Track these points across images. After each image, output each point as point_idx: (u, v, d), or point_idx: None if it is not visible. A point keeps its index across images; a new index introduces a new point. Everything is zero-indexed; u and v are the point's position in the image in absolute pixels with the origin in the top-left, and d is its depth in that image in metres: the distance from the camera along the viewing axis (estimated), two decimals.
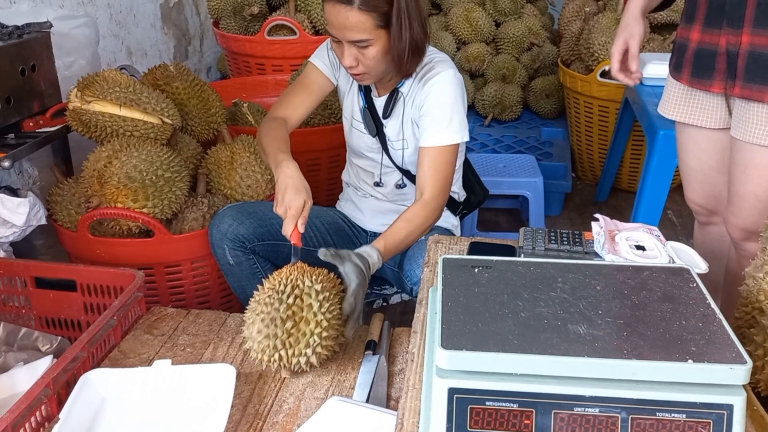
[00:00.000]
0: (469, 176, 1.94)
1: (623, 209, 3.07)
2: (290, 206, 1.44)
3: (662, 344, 0.80)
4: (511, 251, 1.24)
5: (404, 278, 1.69)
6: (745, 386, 0.78)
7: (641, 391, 0.77)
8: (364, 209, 1.89)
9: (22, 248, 1.90)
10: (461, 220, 1.94)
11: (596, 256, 1.15)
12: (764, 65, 1.40)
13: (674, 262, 1.09)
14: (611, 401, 0.77)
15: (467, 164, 1.92)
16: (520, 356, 0.78)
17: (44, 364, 1.42)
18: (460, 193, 1.88)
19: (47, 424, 1.21)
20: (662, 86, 1.73)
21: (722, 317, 0.85)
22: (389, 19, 1.51)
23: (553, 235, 1.21)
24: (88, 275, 1.60)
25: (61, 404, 1.23)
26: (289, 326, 1.27)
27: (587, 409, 0.78)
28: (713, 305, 0.88)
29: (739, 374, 0.76)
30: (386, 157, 1.78)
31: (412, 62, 1.60)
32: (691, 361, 0.77)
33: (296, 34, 2.89)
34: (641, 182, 2.31)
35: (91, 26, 2.26)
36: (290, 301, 1.28)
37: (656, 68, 2.56)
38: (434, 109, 1.62)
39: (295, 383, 1.35)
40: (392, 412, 1.22)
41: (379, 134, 1.76)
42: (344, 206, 1.96)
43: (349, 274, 1.37)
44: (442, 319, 0.84)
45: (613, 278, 0.96)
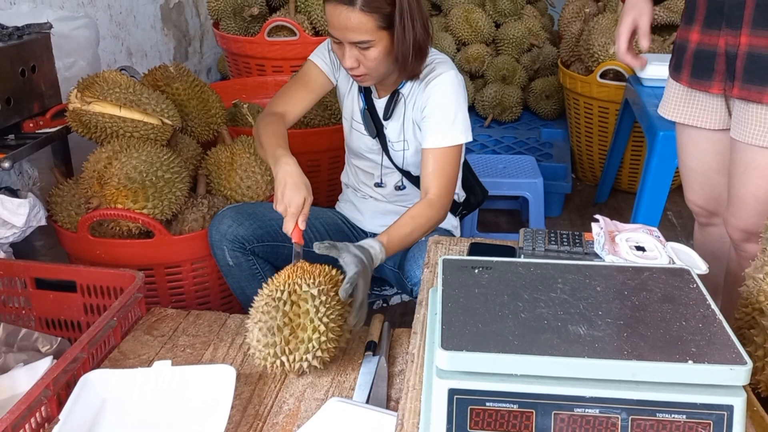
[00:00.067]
0: (468, 177, 1.94)
1: (623, 210, 3.07)
2: (290, 204, 1.44)
3: (662, 345, 0.80)
4: (511, 252, 1.24)
5: (404, 279, 1.69)
6: (745, 387, 0.78)
7: (641, 391, 0.77)
8: (363, 210, 1.89)
9: (22, 249, 1.90)
10: (461, 220, 1.94)
11: (596, 257, 1.15)
12: (763, 66, 1.41)
13: (674, 263, 1.09)
14: (611, 402, 0.77)
15: (466, 165, 1.92)
16: (520, 357, 0.78)
17: (44, 365, 1.42)
18: (460, 193, 1.88)
19: (47, 425, 1.21)
20: (662, 87, 1.73)
21: (722, 318, 0.85)
22: (391, 20, 1.51)
23: (553, 236, 1.21)
24: (88, 276, 1.60)
25: (61, 405, 1.23)
26: (287, 334, 1.28)
27: (587, 409, 0.78)
28: (713, 306, 0.88)
29: (739, 375, 0.76)
30: (386, 158, 1.78)
31: (416, 63, 1.59)
32: (691, 361, 0.77)
33: (296, 35, 2.89)
34: (641, 183, 2.31)
35: (91, 27, 2.26)
36: (287, 308, 1.28)
37: (656, 69, 2.56)
38: (437, 110, 1.61)
39: (295, 384, 1.35)
40: (392, 413, 1.22)
41: (379, 135, 1.75)
42: (344, 207, 1.95)
43: (347, 264, 1.37)
44: (442, 319, 0.84)
45: (613, 279, 0.96)
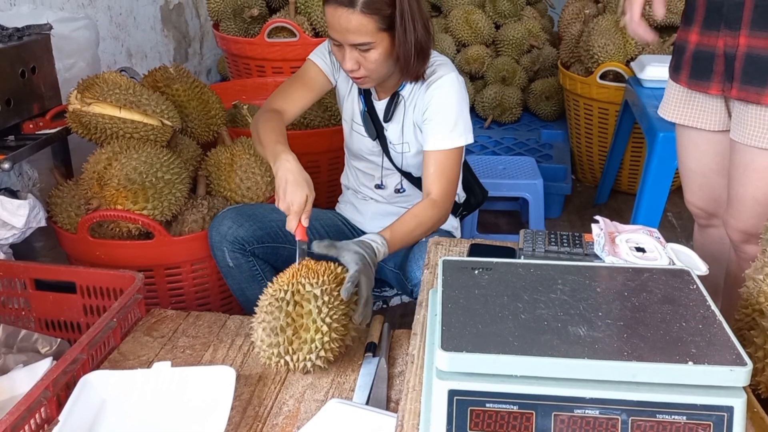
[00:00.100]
0: (468, 178, 1.94)
1: (623, 211, 3.07)
2: (293, 202, 1.43)
3: (662, 346, 0.80)
4: (511, 253, 1.24)
5: (405, 280, 1.69)
6: (745, 388, 0.78)
7: (641, 392, 0.77)
8: (364, 212, 1.89)
9: (21, 250, 1.90)
10: (461, 221, 1.94)
11: (596, 258, 1.15)
12: (761, 67, 1.41)
13: (674, 264, 1.09)
14: (611, 403, 0.77)
15: (466, 166, 1.92)
16: (520, 358, 0.78)
17: (44, 366, 1.42)
18: (461, 194, 1.88)
19: (47, 426, 1.21)
20: (661, 88, 1.73)
21: (722, 319, 0.85)
22: (392, 21, 1.51)
23: (553, 237, 1.21)
24: (87, 277, 1.60)
25: (60, 406, 1.23)
26: (289, 334, 1.28)
27: (587, 410, 0.78)
28: (713, 307, 0.88)
29: (739, 376, 0.76)
30: (387, 159, 1.78)
31: (418, 64, 1.59)
32: (691, 362, 0.77)
33: (296, 36, 2.89)
34: (641, 184, 2.31)
35: (91, 28, 2.26)
36: (289, 308, 1.28)
37: (656, 70, 2.56)
38: (438, 113, 1.61)
39: (294, 385, 1.35)
40: (392, 414, 1.22)
41: (379, 137, 1.75)
42: (344, 209, 1.95)
43: (348, 262, 1.37)
44: (442, 320, 0.84)
45: (613, 280, 0.96)
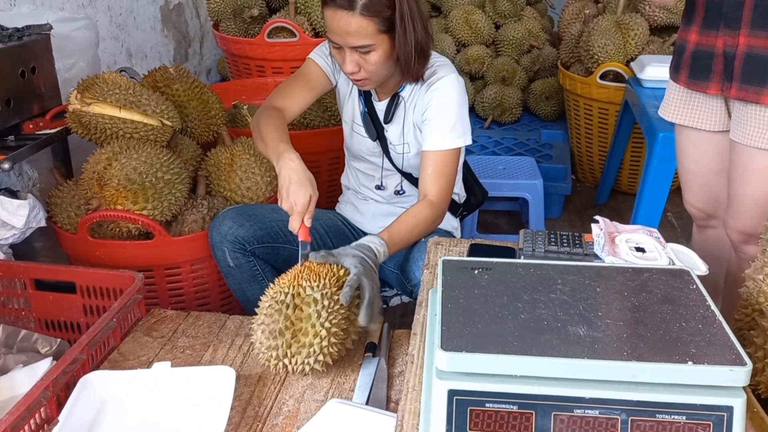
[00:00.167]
0: (468, 178, 1.94)
1: (623, 211, 3.07)
2: (296, 202, 1.43)
3: (662, 346, 0.80)
4: (511, 253, 1.24)
5: (405, 280, 1.69)
6: (745, 388, 0.78)
7: (641, 392, 0.77)
8: (364, 212, 1.89)
9: (21, 250, 1.90)
10: (461, 221, 1.94)
11: (596, 258, 1.15)
12: (761, 67, 1.41)
13: (674, 264, 1.09)
14: (611, 403, 0.77)
15: (466, 166, 1.92)
16: (519, 358, 0.78)
17: (44, 366, 1.42)
18: (461, 194, 1.88)
19: (46, 426, 1.21)
20: (661, 88, 1.74)
21: (722, 319, 0.85)
22: (391, 23, 1.51)
23: (553, 237, 1.21)
24: (87, 277, 1.60)
25: (60, 406, 1.23)
26: (288, 337, 1.28)
27: (587, 410, 0.78)
28: (713, 307, 0.88)
29: (739, 376, 0.76)
30: (387, 160, 1.78)
31: (419, 65, 1.59)
32: (691, 362, 0.76)
33: (296, 36, 2.89)
34: (641, 184, 2.31)
35: (91, 28, 2.26)
36: (289, 312, 1.28)
37: (656, 70, 2.56)
38: (438, 113, 1.62)
39: (294, 385, 1.34)
40: (392, 414, 1.22)
41: (380, 138, 1.75)
42: (344, 209, 1.95)
43: (348, 267, 1.37)
44: (441, 320, 0.84)
45: (613, 280, 0.96)
